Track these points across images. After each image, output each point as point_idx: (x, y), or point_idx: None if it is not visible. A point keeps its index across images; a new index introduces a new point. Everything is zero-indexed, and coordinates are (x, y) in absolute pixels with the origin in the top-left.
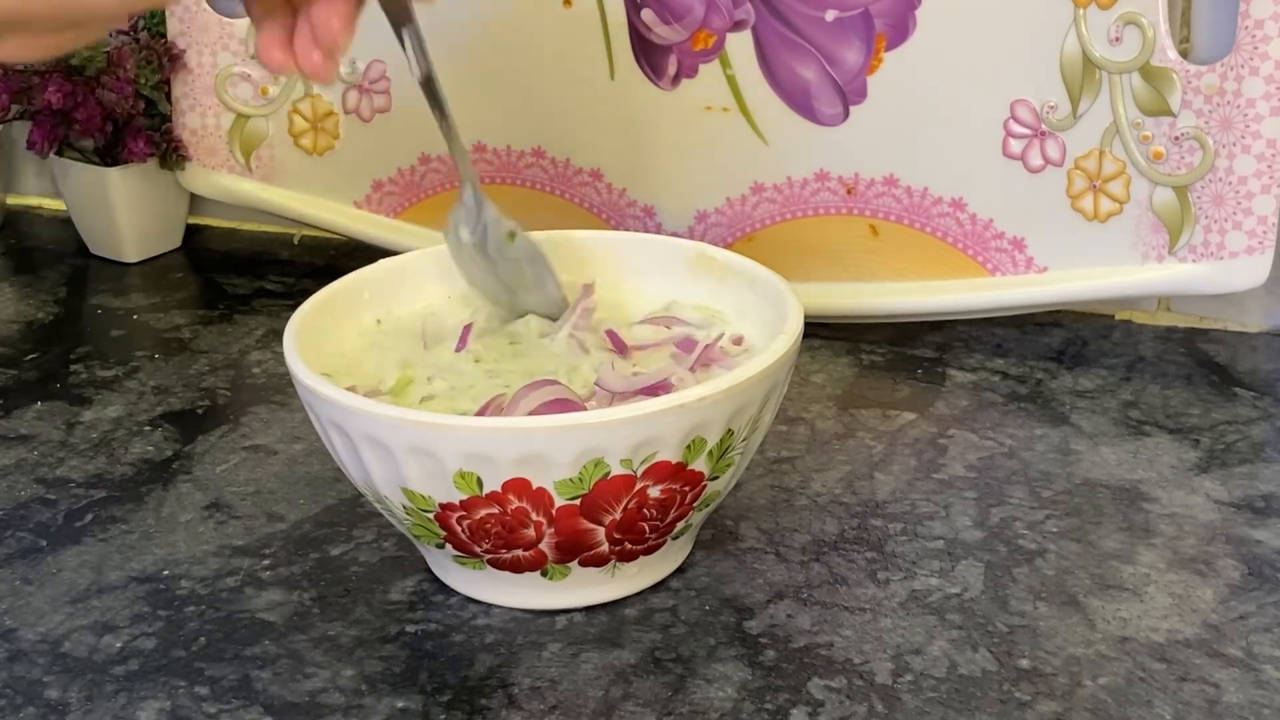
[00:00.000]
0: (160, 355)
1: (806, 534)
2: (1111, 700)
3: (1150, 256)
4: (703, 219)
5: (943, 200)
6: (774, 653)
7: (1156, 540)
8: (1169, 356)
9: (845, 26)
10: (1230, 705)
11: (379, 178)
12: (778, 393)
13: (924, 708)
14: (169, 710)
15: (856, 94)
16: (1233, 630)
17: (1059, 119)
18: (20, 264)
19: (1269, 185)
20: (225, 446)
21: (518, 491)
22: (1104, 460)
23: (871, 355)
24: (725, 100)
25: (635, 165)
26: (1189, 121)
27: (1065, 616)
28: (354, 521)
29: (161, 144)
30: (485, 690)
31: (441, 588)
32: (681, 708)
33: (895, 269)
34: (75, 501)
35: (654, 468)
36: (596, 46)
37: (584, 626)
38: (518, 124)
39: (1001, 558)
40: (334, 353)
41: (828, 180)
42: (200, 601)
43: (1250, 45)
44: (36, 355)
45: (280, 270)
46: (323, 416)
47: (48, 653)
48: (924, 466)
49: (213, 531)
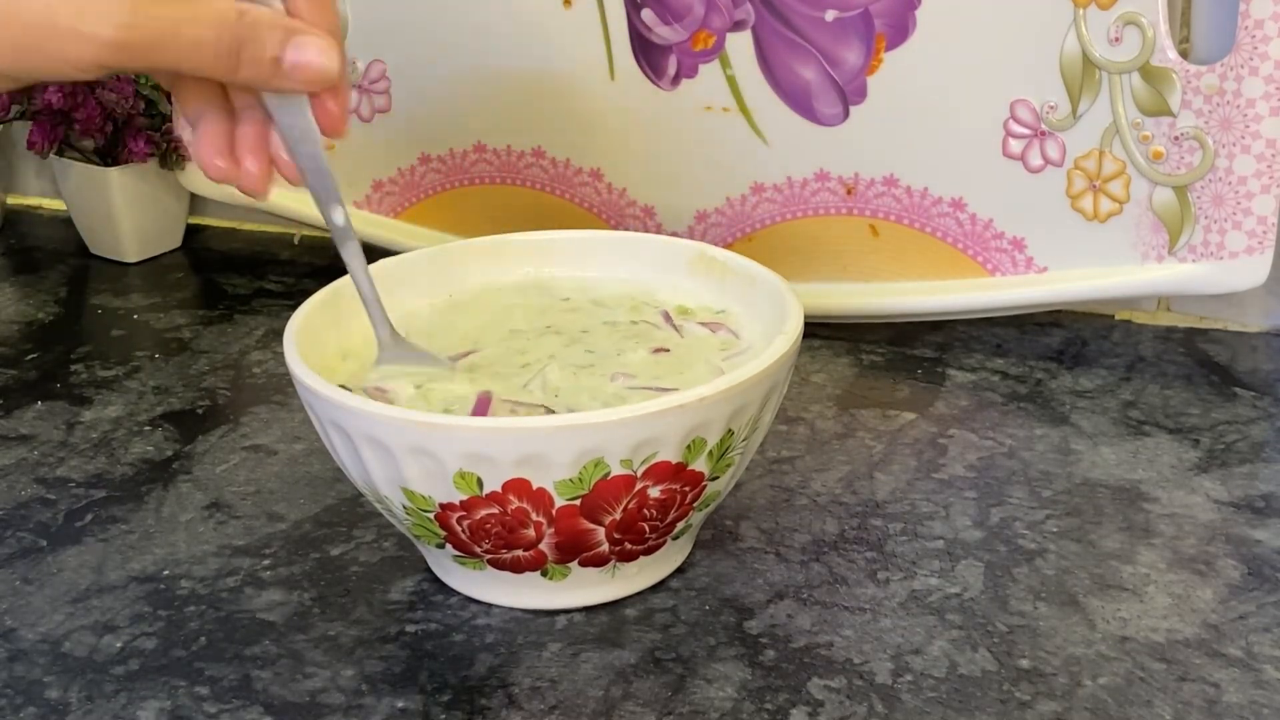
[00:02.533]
0: (160, 355)
1: (806, 534)
2: (1111, 700)
3: (1150, 256)
4: (703, 219)
5: (943, 200)
6: (774, 653)
7: (1156, 540)
8: (1169, 356)
9: (845, 26)
10: (1230, 705)
11: (379, 178)
12: (778, 393)
13: (924, 708)
14: (169, 710)
15: (856, 94)
16: (1233, 630)
17: (1059, 119)
18: (20, 264)
19: (1269, 185)
20: (225, 446)
21: (518, 491)
22: (1104, 460)
23: (871, 355)
24: (725, 100)
25: (635, 165)
26: (1189, 121)
27: (1065, 616)
28: (354, 521)
29: (161, 144)
30: (485, 690)
31: (441, 588)
32: (681, 708)
33: (895, 269)
34: (75, 501)
35: (654, 468)
36: (596, 46)
37: (584, 626)
38: (518, 124)
39: (1001, 558)
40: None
41: (828, 180)
42: (200, 601)
43: (1250, 45)
44: (36, 355)
45: (280, 270)
46: (323, 416)
47: (48, 653)
48: (924, 466)
49: (213, 531)
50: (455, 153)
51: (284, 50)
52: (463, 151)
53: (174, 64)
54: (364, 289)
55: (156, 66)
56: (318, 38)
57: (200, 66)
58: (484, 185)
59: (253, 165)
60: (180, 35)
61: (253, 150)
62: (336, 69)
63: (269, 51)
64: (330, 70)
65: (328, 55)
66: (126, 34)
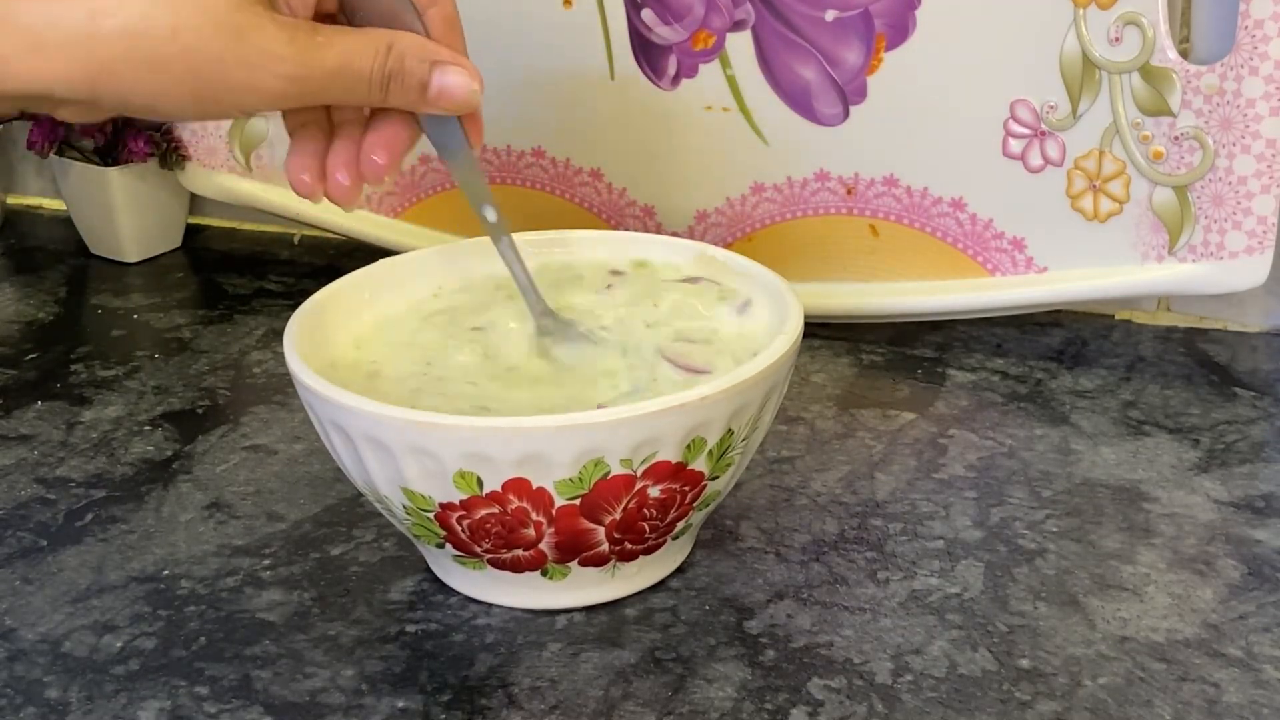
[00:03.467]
0: (160, 355)
1: (806, 534)
2: (1111, 700)
3: (1150, 256)
4: (703, 219)
5: (943, 200)
6: (774, 653)
7: (1156, 540)
8: (1169, 356)
9: (845, 26)
10: (1230, 705)
11: None
12: (778, 393)
13: (924, 708)
14: (169, 710)
15: (856, 94)
16: (1233, 630)
17: (1059, 119)
18: (20, 264)
19: (1269, 185)
20: (225, 446)
21: (518, 491)
22: (1104, 460)
23: (871, 355)
24: (725, 100)
25: (635, 165)
26: (1189, 121)
27: (1065, 616)
28: (354, 521)
29: (161, 144)
30: (485, 690)
31: (441, 588)
32: (681, 708)
33: (895, 269)
34: (75, 501)
35: (654, 468)
36: (596, 46)
37: (584, 626)
38: (518, 124)
39: (1001, 558)
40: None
41: (828, 180)
42: (200, 601)
43: (1250, 45)
44: (36, 355)
45: (280, 270)
46: (323, 416)
47: (48, 653)
48: (924, 466)
49: (213, 531)
50: None
51: (431, 77)
52: None
53: (334, 101)
54: (519, 277)
55: (317, 104)
56: (459, 65)
57: (356, 98)
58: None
59: (344, 178)
60: (341, 76)
61: (345, 165)
62: (479, 93)
63: (417, 79)
64: (473, 96)
65: (470, 81)
66: (295, 86)
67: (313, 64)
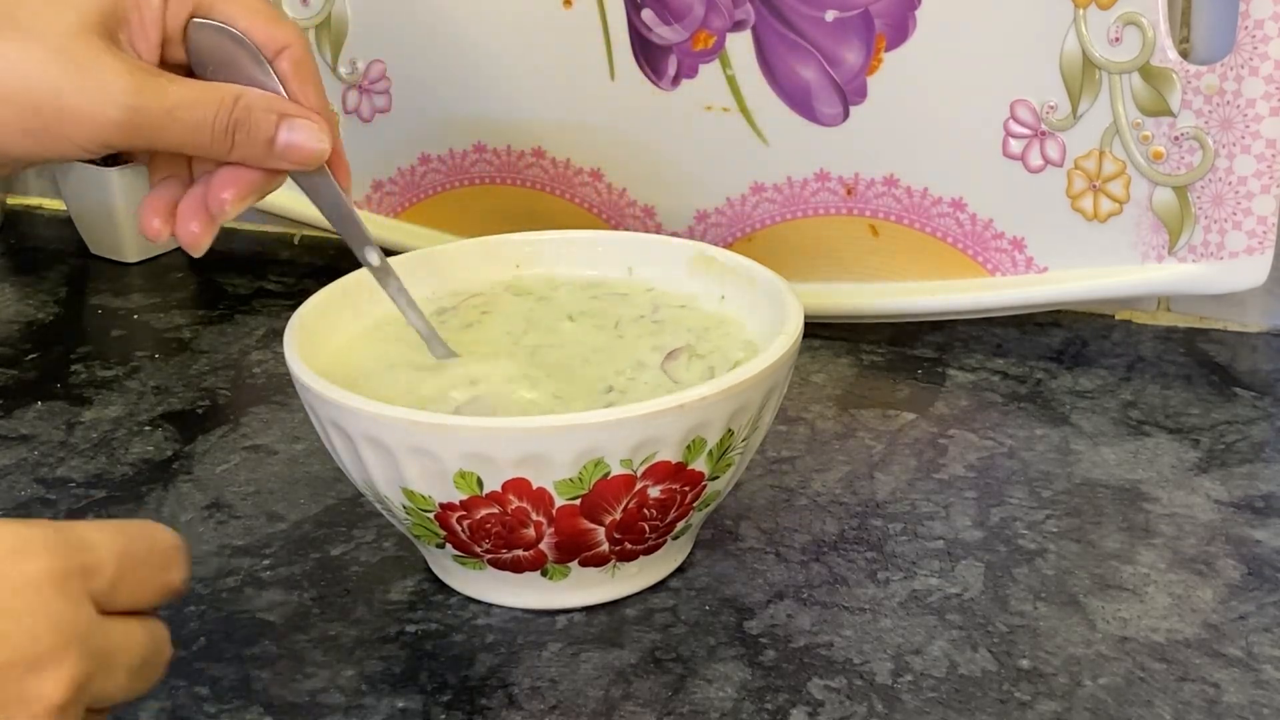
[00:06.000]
0: (160, 355)
1: (806, 534)
2: (1111, 700)
3: (1150, 256)
4: (703, 219)
5: (943, 200)
6: (774, 653)
7: (1156, 540)
8: (1169, 356)
9: (845, 26)
10: (1230, 705)
11: (379, 178)
12: (778, 393)
13: (924, 708)
14: (169, 710)
15: (856, 94)
16: (1233, 630)
17: (1059, 119)
18: (20, 264)
19: (1269, 185)
20: (225, 446)
21: (518, 491)
22: (1104, 460)
23: (871, 355)
24: (725, 100)
25: (635, 165)
26: (1189, 121)
27: (1065, 616)
28: (354, 521)
29: None
30: (485, 690)
31: (441, 588)
32: (681, 708)
33: (895, 269)
34: (75, 501)
35: (654, 468)
36: (596, 46)
37: (584, 626)
38: (518, 124)
39: (1001, 558)
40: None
41: (828, 180)
42: (200, 601)
43: (1250, 45)
44: (36, 355)
45: (280, 270)
46: (323, 416)
47: None
48: (924, 466)
49: (213, 531)
50: (455, 153)
51: (277, 131)
52: (463, 151)
53: (174, 144)
54: (415, 322)
55: (156, 146)
56: (309, 120)
57: (198, 146)
58: (484, 185)
59: (195, 226)
60: (181, 117)
61: (195, 210)
62: (327, 149)
63: (263, 134)
64: (321, 151)
65: (318, 137)
66: (131, 115)
67: (150, 96)
